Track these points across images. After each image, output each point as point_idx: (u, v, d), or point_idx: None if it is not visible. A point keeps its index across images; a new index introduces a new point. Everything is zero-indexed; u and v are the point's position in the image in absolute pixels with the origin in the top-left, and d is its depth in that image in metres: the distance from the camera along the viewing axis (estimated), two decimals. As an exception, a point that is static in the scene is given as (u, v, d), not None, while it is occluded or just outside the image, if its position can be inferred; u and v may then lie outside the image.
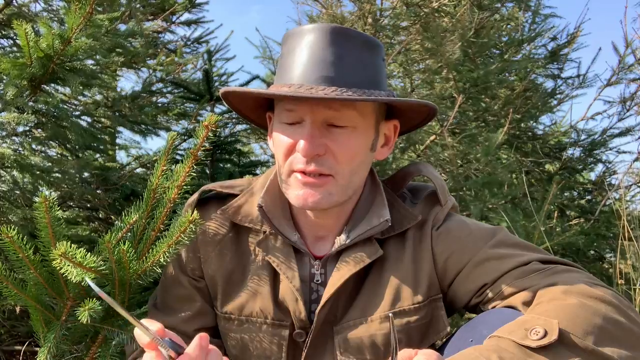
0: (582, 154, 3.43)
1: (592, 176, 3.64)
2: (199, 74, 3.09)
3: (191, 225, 0.94)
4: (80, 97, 2.46)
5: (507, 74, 3.26)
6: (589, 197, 3.43)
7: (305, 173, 1.00)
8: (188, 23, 3.46)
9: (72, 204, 2.32)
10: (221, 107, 2.58)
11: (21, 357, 1.94)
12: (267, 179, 1.14)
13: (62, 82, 1.72)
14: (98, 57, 1.94)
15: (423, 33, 2.91)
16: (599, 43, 3.36)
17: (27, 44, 1.46)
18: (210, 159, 2.40)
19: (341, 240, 1.08)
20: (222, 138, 2.45)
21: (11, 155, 1.65)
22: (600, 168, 3.50)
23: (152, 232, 1.02)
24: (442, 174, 2.73)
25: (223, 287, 1.12)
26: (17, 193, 1.90)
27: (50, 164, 1.87)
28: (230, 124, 2.58)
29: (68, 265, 0.86)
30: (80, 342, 1.17)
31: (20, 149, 1.91)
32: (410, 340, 1.06)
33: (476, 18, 2.93)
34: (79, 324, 1.03)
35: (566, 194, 3.42)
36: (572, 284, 0.91)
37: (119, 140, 3.09)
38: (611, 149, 3.44)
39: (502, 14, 3.41)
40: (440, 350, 1.05)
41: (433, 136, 2.91)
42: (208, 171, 2.39)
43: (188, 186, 1.02)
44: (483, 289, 1.03)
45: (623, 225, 2.26)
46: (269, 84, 2.67)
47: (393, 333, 0.77)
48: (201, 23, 3.46)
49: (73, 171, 1.97)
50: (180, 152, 2.35)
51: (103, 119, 2.45)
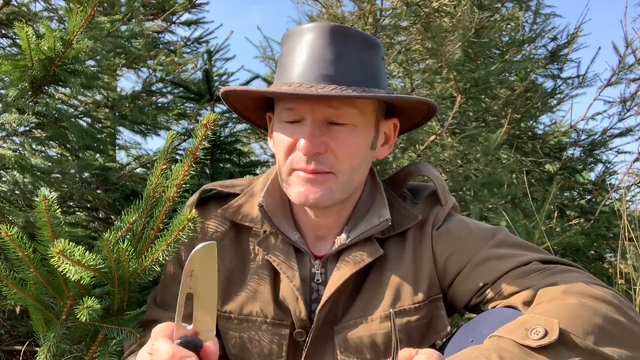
0: (582, 154, 3.42)
1: (592, 176, 3.64)
2: (199, 74, 3.09)
3: (190, 223, 0.94)
4: (80, 98, 2.47)
5: (508, 74, 3.25)
6: (589, 197, 3.43)
7: (305, 171, 1.00)
8: (188, 23, 3.45)
9: (72, 204, 2.32)
10: (221, 107, 2.58)
11: (21, 357, 1.94)
12: (268, 179, 1.14)
13: (63, 84, 1.73)
14: (99, 59, 1.94)
15: (424, 33, 2.91)
16: (599, 43, 3.36)
17: (29, 47, 1.46)
18: (210, 159, 2.40)
19: (341, 239, 1.08)
20: (222, 138, 2.45)
21: (11, 155, 1.65)
22: (600, 168, 3.50)
23: (152, 231, 1.02)
24: (442, 174, 2.73)
25: (223, 287, 1.12)
26: (17, 193, 1.90)
27: (50, 165, 1.87)
28: (230, 124, 2.58)
29: (66, 263, 0.86)
30: (80, 342, 1.17)
31: (20, 150, 1.91)
32: (410, 340, 1.06)
33: (476, 18, 2.93)
34: (79, 323, 1.03)
35: (566, 194, 3.41)
36: (572, 284, 0.91)
37: (119, 140, 3.09)
38: (611, 149, 3.44)
39: (503, 14, 3.41)
40: (440, 350, 1.04)
41: (433, 136, 2.91)
42: (208, 171, 2.39)
43: (187, 185, 1.02)
44: (483, 289, 1.03)
45: (623, 225, 2.26)
46: (270, 84, 2.67)
47: (394, 331, 0.77)
48: (201, 23, 3.46)
49: (73, 171, 1.96)
50: (180, 152, 2.35)
51: (103, 119, 2.45)
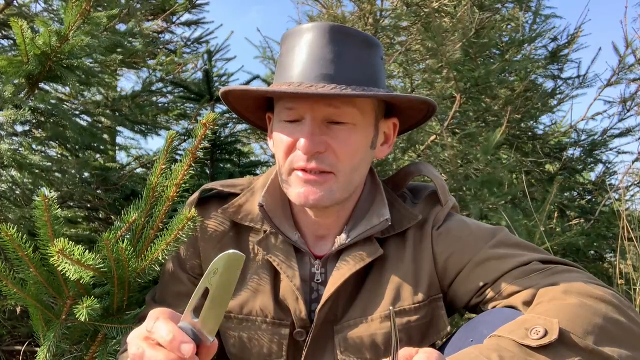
0: (582, 154, 3.42)
1: (592, 176, 3.64)
2: (199, 74, 3.09)
3: (189, 222, 0.93)
4: (80, 97, 2.46)
5: (507, 74, 3.25)
6: (589, 197, 3.43)
7: (305, 170, 1.00)
8: (188, 23, 3.45)
9: (72, 204, 2.31)
10: (221, 107, 2.58)
11: (21, 357, 1.94)
12: (268, 179, 1.14)
13: (60, 80, 1.71)
14: (96, 56, 1.93)
15: (424, 33, 2.91)
16: (599, 43, 3.35)
17: (23, 41, 1.45)
18: (210, 159, 2.40)
19: (341, 239, 1.08)
20: (222, 138, 2.44)
21: (11, 154, 1.65)
22: (600, 168, 3.50)
23: (151, 231, 1.02)
24: (442, 174, 2.73)
25: None
26: (17, 193, 1.90)
27: (49, 164, 1.87)
28: (230, 124, 2.58)
29: (66, 262, 0.86)
30: (80, 341, 1.17)
31: (19, 149, 1.91)
32: (410, 339, 1.06)
33: (476, 18, 2.93)
34: (79, 323, 1.03)
35: (566, 194, 3.41)
36: (572, 284, 0.91)
37: (119, 140, 3.09)
38: (611, 149, 3.44)
39: (503, 15, 3.41)
40: (440, 350, 1.04)
41: (433, 136, 2.91)
42: (208, 171, 2.39)
43: (187, 184, 1.02)
44: (483, 289, 1.03)
45: (623, 225, 2.26)
46: (269, 84, 2.67)
47: (394, 329, 0.77)
48: (201, 23, 3.46)
49: (73, 171, 1.96)
50: (180, 152, 2.35)
51: (103, 119, 2.45)
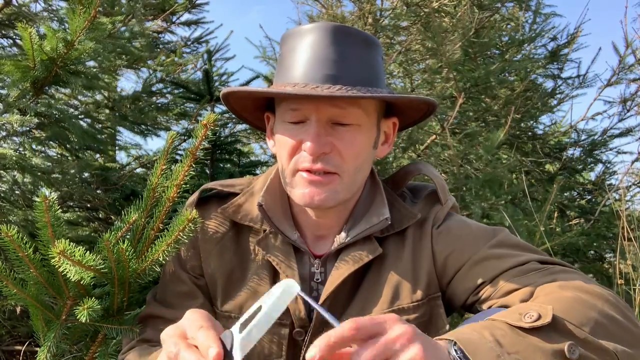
0: (582, 154, 3.42)
1: (592, 176, 3.64)
2: (199, 74, 3.09)
3: (190, 224, 0.94)
4: (80, 98, 2.47)
5: (508, 74, 3.25)
6: (589, 197, 3.43)
7: (310, 171, 1.00)
8: (188, 23, 3.46)
9: (73, 205, 2.32)
10: (221, 107, 2.58)
11: (21, 357, 1.94)
12: (267, 178, 1.14)
13: (64, 85, 1.73)
14: (100, 60, 1.94)
15: (424, 33, 2.91)
16: (599, 43, 3.36)
17: (32, 48, 1.46)
18: (210, 159, 2.40)
19: (341, 238, 1.08)
20: (222, 138, 2.45)
21: (12, 155, 1.65)
22: (600, 168, 3.50)
23: (152, 231, 1.02)
24: (442, 174, 2.73)
25: (223, 286, 1.12)
26: (17, 193, 1.91)
27: (50, 165, 1.88)
28: (230, 124, 2.58)
29: (67, 263, 0.86)
30: (80, 342, 1.18)
31: (20, 150, 1.91)
32: None
33: (476, 18, 2.93)
34: (79, 324, 1.03)
35: (566, 194, 3.41)
36: (570, 282, 0.91)
37: (119, 140, 3.09)
38: (611, 149, 3.44)
39: (503, 14, 3.41)
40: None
41: (433, 136, 2.91)
42: (208, 171, 2.39)
43: (187, 185, 1.02)
44: (481, 287, 1.03)
45: (623, 225, 2.26)
46: (270, 82, 2.67)
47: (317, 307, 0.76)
48: (201, 23, 3.46)
49: (73, 172, 1.97)
50: (180, 152, 2.35)
51: (103, 120, 2.46)
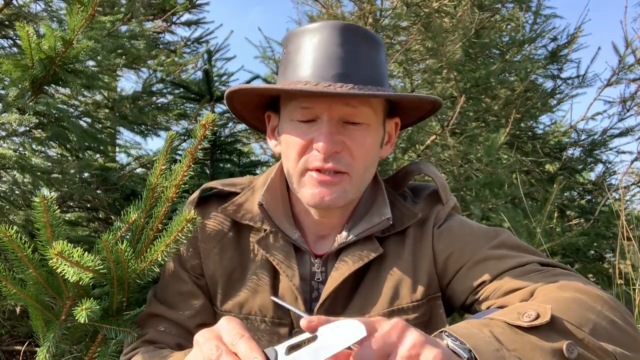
0: (582, 154, 3.43)
1: (592, 176, 3.64)
2: (199, 74, 3.09)
3: (188, 224, 0.93)
4: (80, 98, 2.47)
5: (508, 74, 3.25)
6: (589, 197, 3.43)
7: (321, 171, 1.00)
8: (188, 23, 3.46)
9: (72, 205, 2.32)
10: (221, 107, 2.58)
11: (21, 357, 1.95)
12: (268, 178, 1.14)
13: (64, 84, 1.73)
14: (99, 59, 1.94)
15: (424, 33, 2.91)
16: (599, 43, 3.37)
17: (30, 46, 1.46)
18: (210, 159, 2.40)
19: (342, 238, 1.08)
20: (222, 138, 2.45)
21: (12, 155, 1.65)
22: (600, 168, 3.51)
23: (151, 232, 1.02)
24: (443, 174, 2.73)
25: (223, 285, 1.12)
26: (17, 193, 1.91)
27: (50, 165, 1.87)
28: (230, 124, 2.58)
29: (65, 264, 0.86)
30: (80, 342, 1.17)
31: (20, 150, 1.91)
32: None
33: (477, 18, 2.93)
34: (78, 324, 1.03)
35: (566, 194, 3.41)
36: (570, 283, 0.90)
37: (119, 140, 3.10)
38: (611, 149, 3.45)
39: (503, 15, 3.41)
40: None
41: (433, 136, 2.91)
42: (208, 171, 2.39)
43: (186, 185, 1.02)
44: (480, 287, 1.03)
45: (622, 225, 2.26)
46: (270, 83, 2.66)
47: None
48: (201, 23, 3.46)
49: (73, 172, 1.97)
50: (180, 152, 2.35)
51: (103, 120, 2.46)
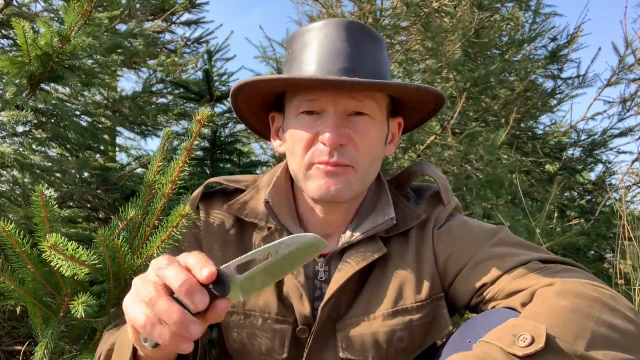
0: (582, 154, 3.42)
1: (592, 176, 3.64)
2: (199, 74, 3.09)
3: (183, 219, 0.94)
4: (80, 97, 2.47)
5: (507, 74, 3.26)
6: (589, 197, 3.43)
7: (328, 164, 1.01)
8: (188, 23, 3.46)
9: (72, 204, 2.32)
10: (221, 107, 2.58)
11: (21, 357, 1.95)
12: (274, 176, 1.15)
13: (61, 81, 1.73)
14: (97, 57, 1.94)
15: (424, 33, 2.92)
16: (599, 43, 3.36)
17: (25, 42, 1.46)
18: (210, 159, 2.40)
19: (346, 237, 1.09)
20: (222, 138, 2.45)
21: (11, 154, 1.65)
22: (600, 168, 3.50)
23: (147, 228, 1.02)
24: (443, 174, 2.73)
25: None
26: (17, 192, 1.91)
27: (50, 164, 1.88)
28: (230, 124, 2.58)
29: (59, 258, 0.86)
30: (78, 339, 1.17)
31: (20, 149, 1.92)
32: (412, 339, 1.06)
33: (476, 18, 2.93)
34: (77, 321, 1.03)
35: (566, 194, 3.41)
36: (569, 286, 0.89)
37: (119, 140, 3.10)
38: (611, 149, 3.44)
39: (503, 14, 3.41)
40: (438, 350, 1.04)
41: (433, 136, 2.91)
42: (208, 171, 2.39)
43: (182, 181, 1.02)
44: (483, 289, 1.03)
45: (623, 225, 2.26)
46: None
47: None
48: (201, 23, 3.47)
49: (73, 171, 1.97)
50: (179, 152, 2.35)
51: (103, 119, 2.46)
